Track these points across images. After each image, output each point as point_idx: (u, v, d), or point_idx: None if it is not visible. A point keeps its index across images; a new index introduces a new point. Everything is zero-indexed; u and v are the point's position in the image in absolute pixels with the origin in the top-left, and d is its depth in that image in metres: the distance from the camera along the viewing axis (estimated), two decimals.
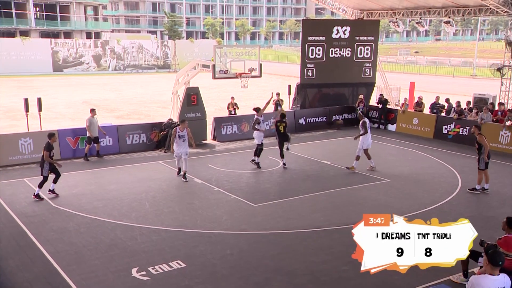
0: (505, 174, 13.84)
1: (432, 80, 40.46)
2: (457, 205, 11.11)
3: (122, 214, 10.34)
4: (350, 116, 21.03)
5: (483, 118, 17.00)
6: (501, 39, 77.90)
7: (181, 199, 11.40)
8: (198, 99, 17.19)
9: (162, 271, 7.82)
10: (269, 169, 14.10)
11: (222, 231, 9.51)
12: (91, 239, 9.00)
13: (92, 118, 14.93)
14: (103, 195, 11.55)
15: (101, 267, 7.94)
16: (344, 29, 20.82)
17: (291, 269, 7.95)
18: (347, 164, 14.12)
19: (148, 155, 15.71)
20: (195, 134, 17.06)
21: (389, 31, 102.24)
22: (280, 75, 45.74)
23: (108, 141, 15.62)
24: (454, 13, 19.74)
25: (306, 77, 20.96)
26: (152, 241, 8.95)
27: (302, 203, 11.23)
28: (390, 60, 56.75)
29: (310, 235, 9.35)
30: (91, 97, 30.30)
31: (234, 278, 7.68)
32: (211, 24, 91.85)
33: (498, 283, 4.79)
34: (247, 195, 11.67)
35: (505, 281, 4.82)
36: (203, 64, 17.22)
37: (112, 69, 49.43)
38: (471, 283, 4.90)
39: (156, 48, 52.39)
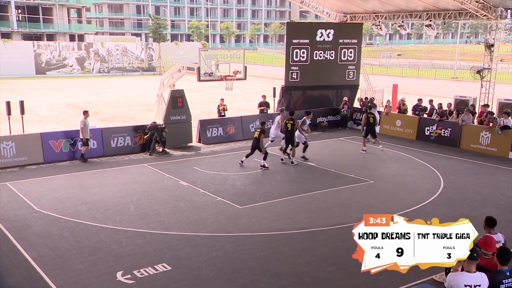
0: (486, 174, 14.06)
1: (414, 83, 40.98)
2: (440, 205, 11.24)
3: (107, 217, 10.22)
4: (335, 118, 21.16)
5: (464, 119, 17.26)
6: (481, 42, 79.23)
7: (166, 201, 11.32)
8: (183, 101, 17.11)
9: (147, 274, 7.75)
10: (255, 171, 14.10)
11: (208, 233, 9.47)
12: (75, 243, 8.88)
13: (85, 120, 14.87)
14: (87, 199, 11.41)
15: (85, 271, 7.83)
16: (328, 32, 20.95)
17: (276, 270, 7.95)
18: (331, 166, 14.22)
19: (133, 158, 15.58)
20: (179, 136, 17.07)
21: (372, 34, 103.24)
22: (265, 78, 45.83)
23: (93, 144, 15.44)
24: (435, 16, 20.04)
25: (290, 79, 21.04)
26: (137, 244, 8.87)
27: (288, 204, 11.24)
28: (373, 63, 57.29)
29: (295, 237, 9.36)
30: (75, 100, 29.95)
31: (220, 280, 7.64)
32: (196, 27, 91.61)
33: (475, 280, 4.88)
34: (232, 197, 11.64)
35: (481, 278, 4.91)
36: (188, 66, 17.16)
37: (96, 72, 48.95)
38: (448, 280, 5.02)
39: (141, 51, 52.06)
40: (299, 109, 20.89)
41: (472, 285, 4.92)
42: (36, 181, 12.76)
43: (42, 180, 12.87)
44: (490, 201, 11.57)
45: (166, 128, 16.28)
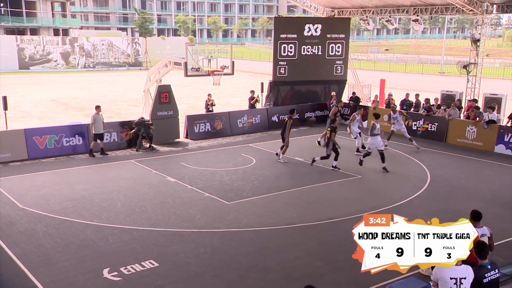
0: (471, 168, 14.25)
1: (401, 77, 41.25)
2: (426, 199, 11.37)
3: (93, 214, 10.14)
4: (322, 114, 21.19)
5: (450, 114, 17.44)
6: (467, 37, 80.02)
7: (153, 198, 11.27)
8: (170, 97, 17.02)
9: (134, 271, 7.71)
10: (243, 166, 14.10)
11: (196, 229, 9.45)
12: (60, 240, 8.80)
13: (97, 115, 14.91)
14: (73, 195, 11.30)
15: (71, 269, 7.76)
16: (315, 27, 20.96)
17: (264, 266, 7.97)
18: (320, 161, 14.29)
19: (119, 154, 15.46)
20: (166, 132, 16.98)
21: (360, 29, 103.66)
22: (253, 73, 45.75)
23: (78, 140, 15.30)
24: (422, 11, 20.17)
25: (278, 74, 21.03)
26: (123, 241, 8.82)
27: (275, 200, 11.27)
28: (361, 58, 57.54)
29: (283, 232, 9.39)
30: (59, 95, 29.58)
31: (207, 276, 7.64)
32: (183, 21, 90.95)
33: (460, 273, 4.95)
34: (220, 193, 11.63)
35: (467, 271, 4.98)
36: (175, 61, 17.06)
37: (81, 67, 48.38)
38: (434, 273, 5.08)
39: (127, 46, 51.57)
40: (287, 104, 20.99)
41: (457, 278, 5.00)
42: (20, 178, 12.60)
43: (26, 177, 12.71)
44: (476, 194, 11.73)
45: (153, 125, 16.18)
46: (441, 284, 5.09)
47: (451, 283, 5.01)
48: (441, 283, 5.08)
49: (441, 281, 5.07)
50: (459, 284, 5.00)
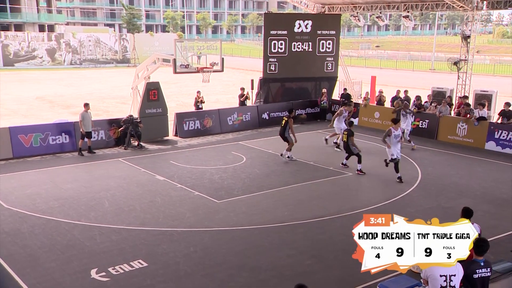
0: (462, 165, 14.39)
1: (392, 74, 41.49)
2: (417, 197, 11.47)
3: (80, 213, 10.07)
4: (313, 111, 21.27)
5: (441, 111, 17.58)
6: (457, 33, 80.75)
7: (142, 196, 11.22)
8: (158, 94, 16.95)
9: (123, 271, 7.68)
10: (233, 164, 14.09)
11: (185, 228, 9.43)
12: (47, 241, 8.73)
13: (85, 113, 14.81)
14: (59, 195, 11.21)
15: (58, 269, 7.71)
16: (306, 23, 21.00)
17: (255, 265, 7.99)
18: (310, 159, 14.31)
19: (107, 153, 15.37)
20: (155, 130, 16.91)
21: (351, 26, 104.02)
22: (243, 70, 45.72)
23: (64, 138, 15.17)
24: (412, 7, 20.27)
25: (268, 71, 21.03)
26: (112, 241, 8.77)
27: (266, 198, 11.29)
28: (352, 54, 57.74)
29: (274, 230, 9.41)
30: (45, 92, 29.31)
31: (198, 275, 7.64)
32: (172, 18, 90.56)
33: (450, 270, 5.01)
34: (210, 191, 11.62)
35: (456, 268, 5.03)
36: (163, 58, 16.98)
37: (67, 64, 47.98)
38: (424, 270, 5.13)
39: (114, 42, 51.20)
40: (277, 101, 21.00)
41: (447, 275, 5.05)
42: (5, 177, 12.47)
43: (11, 176, 12.58)
44: (467, 191, 11.85)
45: (141, 123, 16.10)
46: (431, 281, 5.14)
47: (441, 280, 5.06)
48: (431, 280, 5.14)
49: (431, 278, 5.12)
50: (449, 281, 5.06)
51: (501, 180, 12.75)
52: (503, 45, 76.35)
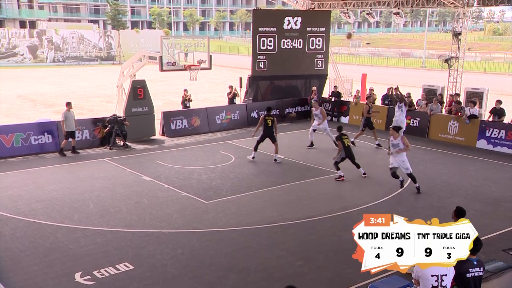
0: (453, 164, 14.53)
1: (383, 72, 41.77)
2: (408, 196, 11.55)
3: (63, 215, 9.99)
4: (303, 109, 21.32)
5: (432, 109, 17.73)
6: (448, 30, 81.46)
7: (128, 198, 11.16)
8: (145, 92, 16.86)
9: (108, 274, 7.63)
10: (221, 164, 14.07)
11: (173, 230, 9.40)
12: (29, 244, 8.64)
13: (68, 112, 14.62)
14: (42, 196, 11.10)
15: (41, 273, 7.63)
16: (295, 20, 21.02)
17: (244, 266, 7.98)
18: (300, 158, 14.30)
19: (92, 153, 15.25)
20: (141, 129, 16.83)
21: (341, 22, 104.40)
22: (231, 67, 45.67)
23: (47, 138, 15.03)
24: (403, 4, 20.41)
25: (257, 69, 21.03)
26: (96, 243, 8.71)
27: (255, 198, 11.29)
28: (342, 52, 58.00)
29: (263, 231, 9.42)
30: (27, 91, 29.00)
31: (186, 278, 7.62)
32: (158, 14, 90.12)
33: (441, 270, 5.06)
34: (198, 192, 11.59)
35: (448, 268, 5.08)
36: (149, 55, 16.89)
37: (50, 61, 47.55)
38: (415, 270, 5.18)
39: (99, 39, 50.84)
40: (267, 100, 21.01)
41: (439, 275, 5.09)
42: None
43: None
44: (458, 190, 11.97)
45: (127, 120, 16.01)
46: (422, 281, 5.19)
47: (432, 280, 5.11)
48: (422, 280, 5.18)
49: (422, 278, 5.16)
50: (440, 281, 5.10)
51: (493, 179, 12.91)
52: (494, 42, 77.28)
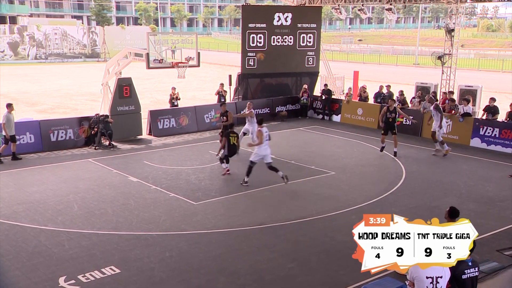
0: (447, 163, 14.65)
1: (375, 69, 42.00)
2: (402, 196, 11.63)
3: (47, 218, 9.90)
4: (294, 107, 21.36)
5: (425, 107, 17.84)
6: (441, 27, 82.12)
7: (114, 199, 11.10)
8: (131, 90, 16.77)
9: (93, 278, 7.58)
10: (210, 164, 14.05)
11: (161, 232, 9.37)
12: (10, 248, 8.56)
13: (9, 114, 13.91)
14: (24, 198, 11.00)
15: (23, 278, 7.57)
16: (285, 16, 21.05)
17: (234, 269, 7.98)
18: (291, 157, 14.31)
19: (76, 153, 15.14)
20: (128, 129, 16.74)
21: (332, 18, 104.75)
22: (220, 65, 45.63)
23: (29, 138, 14.88)
24: (395, 0, 20.53)
25: (247, 66, 21.02)
26: (81, 247, 8.65)
27: (245, 199, 11.30)
28: (333, 49, 58.21)
29: (253, 233, 9.42)
30: (7, 89, 28.68)
31: (174, 281, 7.60)
32: (144, 9, 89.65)
33: (437, 271, 5.10)
34: (187, 193, 11.57)
35: (443, 270, 5.13)
36: (135, 52, 16.82)
37: (32, 58, 47.16)
38: (410, 272, 5.22)
39: (83, 35, 50.50)
40: (257, 98, 21.01)
41: (434, 277, 5.13)
42: None
43: None
44: (452, 190, 12.07)
45: (111, 117, 15.87)
46: (417, 283, 5.21)
47: (427, 282, 5.14)
48: (417, 282, 5.21)
49: (417, 280, 5.19)
50: (435, 283, 5.14)
51: (487, 178, 13.04)
52: (488, 39, 78.14)
